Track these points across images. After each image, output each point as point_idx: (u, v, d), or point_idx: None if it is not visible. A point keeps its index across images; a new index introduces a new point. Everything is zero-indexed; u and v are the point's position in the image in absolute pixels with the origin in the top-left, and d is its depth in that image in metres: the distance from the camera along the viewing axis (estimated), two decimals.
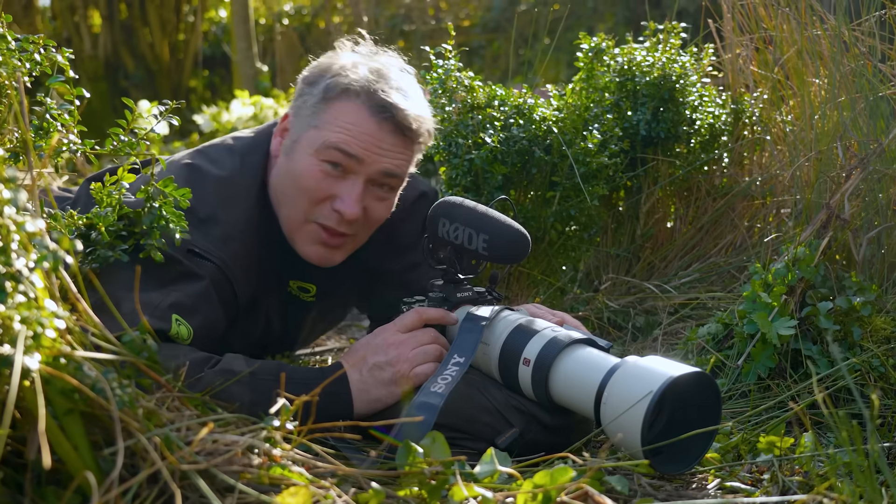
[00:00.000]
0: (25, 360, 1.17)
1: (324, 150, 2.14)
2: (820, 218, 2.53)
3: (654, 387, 1.70)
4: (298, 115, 2.22)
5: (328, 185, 2.16)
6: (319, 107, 2.17)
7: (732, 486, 1.79)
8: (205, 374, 1.88)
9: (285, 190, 2.21)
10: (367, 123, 2.14)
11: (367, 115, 2.14)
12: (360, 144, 2.13)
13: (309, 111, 2.19)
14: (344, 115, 2.15)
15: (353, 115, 2.14)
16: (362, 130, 2.13)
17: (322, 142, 2.14)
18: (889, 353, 2.35)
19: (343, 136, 2.13)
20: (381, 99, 2.13)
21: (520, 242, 2.03)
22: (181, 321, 1.97)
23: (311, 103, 2.19)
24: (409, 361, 2.00)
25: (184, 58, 9.21)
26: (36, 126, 1.86)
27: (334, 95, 2.16)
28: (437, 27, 9.25)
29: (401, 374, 1.99)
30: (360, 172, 2.16)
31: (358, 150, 2.13)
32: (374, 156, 2.15)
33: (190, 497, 1.36)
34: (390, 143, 2.16)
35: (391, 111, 2.13)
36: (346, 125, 2.14)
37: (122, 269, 1.97)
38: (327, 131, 2.14)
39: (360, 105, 2.14)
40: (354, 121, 2.14)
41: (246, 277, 2.16)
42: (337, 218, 2.17)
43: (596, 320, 3.13)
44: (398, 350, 2.01)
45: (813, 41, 3.19)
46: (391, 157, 2.17)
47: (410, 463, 1.59)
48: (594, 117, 3.07)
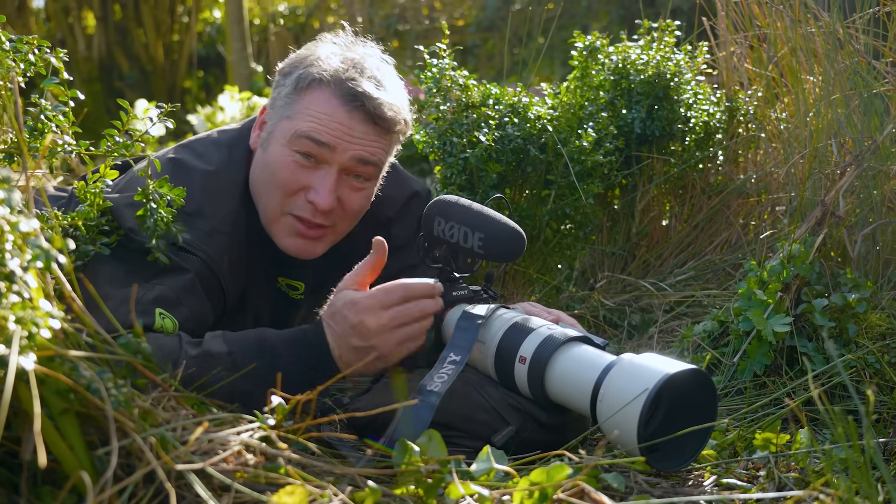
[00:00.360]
0: (21, 361, 1.17)
1: (295, 140, 2.13)
2: (815, 215, 2.53)
3: (650, 384, 1.70)
4: (274, 107, 2.22)
5: (301, 176, 2.15)
6: (292, 97, 2.17)
7: (729, 482, 1.79)
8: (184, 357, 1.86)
9: (262, 183, 2.20)
10: (338, 112, 2.13)
11: (338, 103, 2.13)
12: (330, 132, 2.12)
13: (282, 102, 2.19)
14: (314, 104, 2.14)
15: (323, 103, 2.14)
16: (332, 119, 2.13)
17: (293, 132, 2.13)
18: (884, 349, 2.35)
19: (313, 125, 2.12)
20: (352, 88, 2.12)
21: (515, 241, 2.03)
22: (165, 314, 1.96)
23: (284, 94, 2.19)
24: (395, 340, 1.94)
25: (178, 58, 9.20)
26: (30, 127, 1.86)
27: (305, 85, 2.15)
28: (432, 27, 9.26)
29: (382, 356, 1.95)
30: (332, 162, 2.15)
31: (328, 137, 2.12)
32: (344, 143, 2.13)
33: (186, 497, 1.36)
34: (361, 132, 2.15)
35: (362, 100, 2.12)
36: (316, 114, 2.13)
37: (105, 263, 1.97)
38: (298, 121, 2.14)
39: (330, 94, 2.14)
40: (324, 109, 2.13)
41: (233, 272, 2.15)
42: (311, 209, 2.16)
43: (592, 318, 3.13)
44: (379, 337, 1.94)
45: (807, 39, 3.20)
46: (362, 145, 2.16)
47: (407, 461, 1.59)
48: (589, 116, 3.07)
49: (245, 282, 2.24)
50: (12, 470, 1.32)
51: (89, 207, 1.97)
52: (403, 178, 2.52)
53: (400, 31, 9.40)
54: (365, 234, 2.40)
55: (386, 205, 2.44)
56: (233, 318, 2.24)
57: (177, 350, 1.87)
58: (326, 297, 2.48)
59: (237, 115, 6.15)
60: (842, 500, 1.43)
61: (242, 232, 2.20)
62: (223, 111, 6.32)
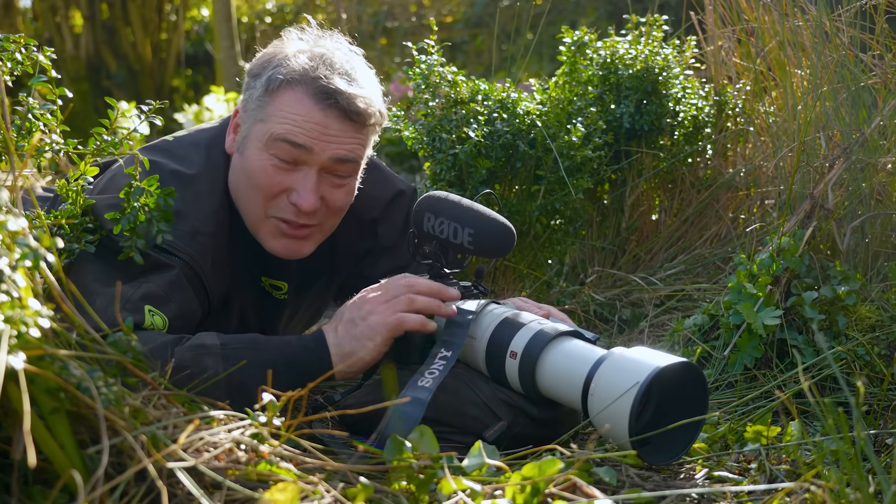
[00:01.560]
0: (10, 360, 1.17)
1: (272, 144, 2.11)
2: (804, 208, 2.54)
3: (640, 377, 1.70)
4: (246, 110, 2.19)
5: (281, 178, 2.13)
6: (263, 100, 2.14)
7: (720, 475, 1.79)
8: (174, 353, 1.87)
9: (242, 188, 2.18)
10: (312, 111, 2.11)
11: (311, 103, 2.11)
12: (307, 134, 2.10)
13: (254, 105, 2.16)
14: (287, 105, 2.12)
15: (296, 104, 2.11)
16: (307, 119, 2.11)
17: (269, 135, 2.11)
18: (874, 341, 2.36)
19: (289, 127, 2.10)
20: (324, 86, 2.10)
21: (505, 236, 2.03)
22: (155, 311, 1.96)
23: (255, 97, 2.16)
24: (380, 315, 1.96)
25: (166, 57, 9.18)
26: (18, 126, 1.85)
27: (276, 87, 2.13)
28: (420, 23, 9.25)
29: (370, 327, 1.95)
30: (311, 162, 2.13)
31: (305, 139, 2.10)
32: (322, 143, 2.12)
33: (177, 494, 1.35)
34: (338, 129, 2.13)
35: (335, 97, 2.10)
36: (290, 115, 2.11)
37: (91, 261, 1.97)
38: (273, 124, 2.12)
39: (302, 94, 2.11)
40: (298, 110, 2.11)
41: (216, 273, 2.15)
42: (294, 210, 2.15)
43: (582, 313, 3.14)
44: (371, 305, 1.98)
45: (795, 32, 3.20)
46: (340, 143, 2.14)
47: (399, 457, 1.59)
48: (578, 111, 3.07)
49: (228, 283, 2.23)
50: (3, 469, 1.32)
51: (72, 206, 1.96)
52: (387, 178, 2.51)
53: (388, 28, 9.39)
54: (348, 235, 2.39)
55: (370, 205, 2.43)
56: (217, 319, 2.24)
57: (166, 348, 1.87)
58: (310, 296, 2.47)
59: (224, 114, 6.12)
60: (833, 492, 1.44)
61: (224, 233, 2.18)
62: (210, 111, 6.31)
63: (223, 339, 1.94)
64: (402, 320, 1.95)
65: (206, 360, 1.88)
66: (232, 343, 1.94)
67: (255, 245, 2.25)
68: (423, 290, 1.99)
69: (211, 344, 1.92)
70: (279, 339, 2.02)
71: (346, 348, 1.96)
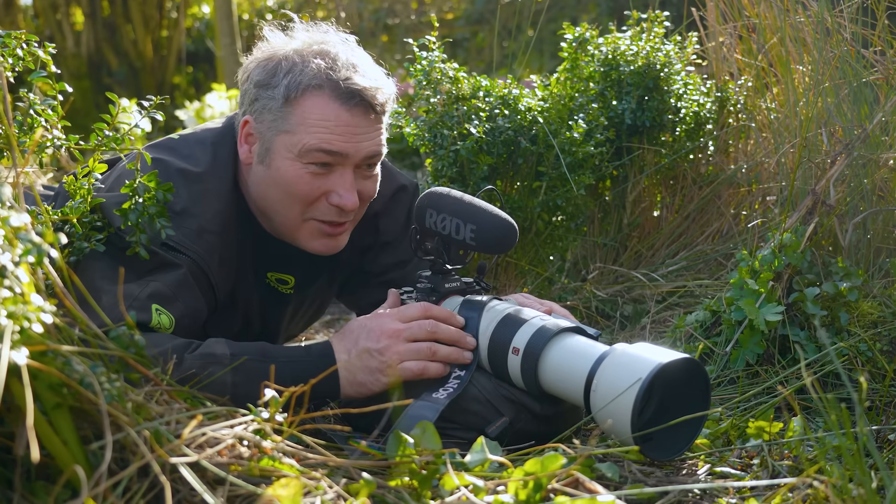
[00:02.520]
0: (13, 355, 1.17)
1: (306, 154, 2.10)
2: (806, 204, 2.54)
3: (643, 374, 1.70)
4: (261, 121, 2.16)
5: (319, 183, 2.13)
6: (285, 110, 2.12)
7: (722, 471, 1.79)
8: (185, 359, 1.88)
9: (274, 198, 2.18)
10: (340, 114, 2.10)
11: (338, 105, 2.10)
12: (341, 139, 2.10)
13: (273, 116, 2.14)
14: (314, 112, 2.10)
15: (323, 110, 2.10)
16: (338, 123, 2.10)
17: (301, 146, 2.10)
18: (876, 337, 2.36)
19: (322, 136, 2.10)
20: (346, 87, 2.10)
21: (507, 232, 2.02)
22: (162, 311, 1.96)
23: (273, 108, 2.13)
24: (398, 354, 1.98)
25: (167, 54, 9.18)
26: (19, 122, 1.85)
27: (297, 95, 2.11)
28: (421, 20, 9.24)
29: (388, 365, 1.97)
30: (346, 164, 2.14)
31: (340, 145, 2.10)
32: (355, 145, 2.12)
33: (180, 490, 1.35)
34: (365, 126, 2.13)
35: (359, 95, 2.10)
36: (320, 123, 2.10)
37: (99, 259, 1.97)
38: (303, 134, 2.10)
39: (326, 98, 2.10)
40: (326, 115, 2.10)
41: (223, 270, 2.15)
42: (336, 211, 2.16)
43: (584, 309, 3.14)
44: (390, 340, 1.99)
45: (796, 28, 3.20)
46: (370, 139, 2.15)
47: (401, 453, 1.59)
48: (579, 107, 3.07)
49: (234, 279, 2.24)
50: (6, 465, 1.32)
51: (82, 203, 1.96)
52: (389, 172, 2.51)
53: (389, 24, 9.38)
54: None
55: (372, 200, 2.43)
56: (222, 316, 2.24)
57: (176, 353, 1.88)
58: (313, 291, 2.47)
59: (226, 112, 6.13)
60: (835, 488, 1.44)
61: (231, 230, 2.19)
62: (211, 108, 6.31)
63: (233, 349, 1.95)
64: (425, 369, 1.98)
65: (214, 369, 1.89)
66: (241, 353, 1.94)
67: (261, 242, 2.25)
68: (445, 338, 2.01)
69: (221, 353, 1.93)
70: (288, 352, 2.03)
71: (359, 378, 1.99)
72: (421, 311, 2.02)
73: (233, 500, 1.38)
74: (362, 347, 1.99)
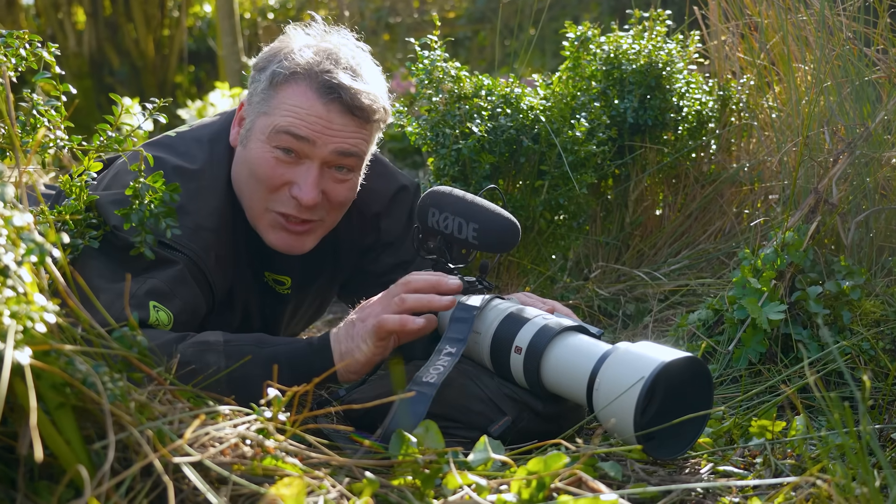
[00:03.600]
0: (16, 355, 1.17)
1: (274, 136, 2.12)
2: (808, 203, 2.54)
3: (645, 372, 1.70)
4: (251, 103, 2.20)
5: (283, 171, 2.14)
6: (268, 93, 2.15)
7: (725, 470, 1.79)
8: (179, 349, 1.88)
9: (244, 180, 2.19)
10: (315, 105, 2.12)
11: (315, 96, 2.12)
12: (309, 126, 2.11)
13: (258, 98, 2.17)
14: (291, 98, 2.13)
15: (299, 97, 2.12)
16: (310, 112, 2.11)
17: (272, 127, 2.12)
18: (879, 336, 2.36)
19: (291, 119, 2.11)
20: (327, 80, 2.11)
21: (510, 231, 2.02)
22: (159, 307, 1.96)
23: (259, 90, 2.17)
24: (374, 315, 1.96)
25: (169, 53, 9.17)
26: (22, 122, 1.85)
27: (281, 80, 2.14)
28: (423, 19, 9.24)
29: (366, 327, 1.95)
30: (313, 156, 2.14)
31: (307, 131, 2.11)
32: (324, 137, 2.12)
33: (183, 489, 1.35)
34: (340, 124, 2.14)
35: (338, 91, 2.11)
36: (293, 108, 2.12)
37: (95, 257, 1.97)
38: (276, 116, 2.13)
39: (306, 88, 2.12)
40: (301, 103, 2.12)
41: (220, 268, 2.15)
42: (295, 205, 2.15)
43: (586, 308, 3.14)
44: (371, 307, 2.00)
45: (798, 27, 3.20)
46: (343, 138, 2.15)
47: (404, 452, 1.59)
48: (581, 106, 3.07)
49: (232, 278, 2.24)
50: (9, 465, 1.32)
51: (76, 201, 1.96)
52: (390, 173, 2.51)
53: (390, 23, 9.38)
54: (351, 230, 2.40)
55: (373, 199, 2.43)
56: (221, 315, 2.24)
57: (170, 345, 1.88)
58: (313, 292, 2.48)
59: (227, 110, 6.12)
60: (838, 487, 1.44)
61: (228, 228, 2.19)
62: (214, 106, 6.31)
63: (227, 337, 1.95)
64: (403, 323, 1.94)
65: (208, 356, 1.89)
66: (235, 340, 1.95)
67: (257, 240, 2.25)
68: (419, 285, 1.98)
69: (214, 341, 1.93)
70: (284, 339, 2.03)
71: (343, 347, 1.98)
72: (402, 281, 2.01)
73: (236, 499, 1.38)
74: (348, 319, 2.00)
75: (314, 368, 1.90)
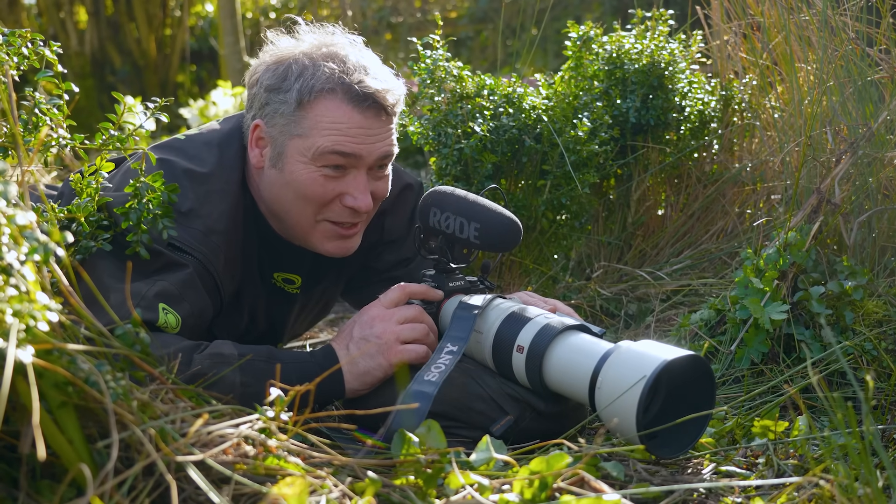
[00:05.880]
0: (18, 354, 1.16)
1: (320, 157, 2.11)
2: (811, 203, 2.53)
3: (648, 371, 1.70)
4: (273, 125, 2.17)
5: (333, 186, 2.14)
6: (298, 115, 2.13)
7: (728, 470, 1.79)
8: (193, 360, 1.89)
9: (287, 200, 2.18)
10: (353, 117, 2.11)
11: (350, 108, 2.11)
12: (354, 141, 2.11)
13: (285, 120, 2.14)
14: (327, 115, 2.11)
15: (336, 113, 2.11)
16: (351, 126, 2.11)
17: (315, 149, 2.11)
18: (881, 336, 2.36)
19: (335, 138, 2.10)
20: (358, 90, 2.11)
21: (511, 230, 2.02)
22: (168, 310, 1.97)
23: (285, 112, 2.14)
24: (393, 333, 2.02)
25: (171, 53, 9.18)
26: (24, 121, 1.85)
27: (310, 100, 2.12)
28: (425, 19, 9.24)
29: (386, 345, 2.02)
30: (360, 166, 2.14)
31: (353, 147, 2.11)
32: (368, 146, 2.13)
33: (186, 489, 1.35)
34: (378, 127, 2.14)
35: (371, 97, 2.11)
36: (333, 125, 2.11)
37: (106, 258, 1.97)
38: (316, 137, 2.11)
39: (339, 101, 2.11)
40: (339, 118, 2.11)
41: (229, 271, 2.15)
42: (350, 212, 2.17)
43: (588, 308, 3.13)
44: (383, 324, 2.04)
45: (800, 26, 3.19)
46: (382, 140, 2.16)
47: (406, 452, 1.58)
48: (583, 105, 3.07)
49: (240, 280, 2.24)
50: (11, 464, 1.32)
51: (89, 201, 1.96)
52: (395, 171, 2.51)
53: (393, 23, 9.38)
54: None
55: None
56: (228, 316, 2.24)
57: (185, 354, 1.89)
58: (319, 291, 2.48)
59: (230, 110, 6.13)
60: (841, 487, 1.44)
61: (238, 231, 2.19)
62: (216, 105, 6.31)
63: (241, 350, 1.96)
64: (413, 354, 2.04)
65: (222, 369, 1.90)
66: (248, 352, 1.97)
67: (269, 243, 2.26)
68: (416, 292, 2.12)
69: (229, 354, 1.94)
70: (294, 354, 2.06)
71: (361, 367, 2.03)
72: (399, 292, 2.09)
73: (238, 498, 1.38)
74: (358, 337, 2.04)
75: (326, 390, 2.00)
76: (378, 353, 2.01)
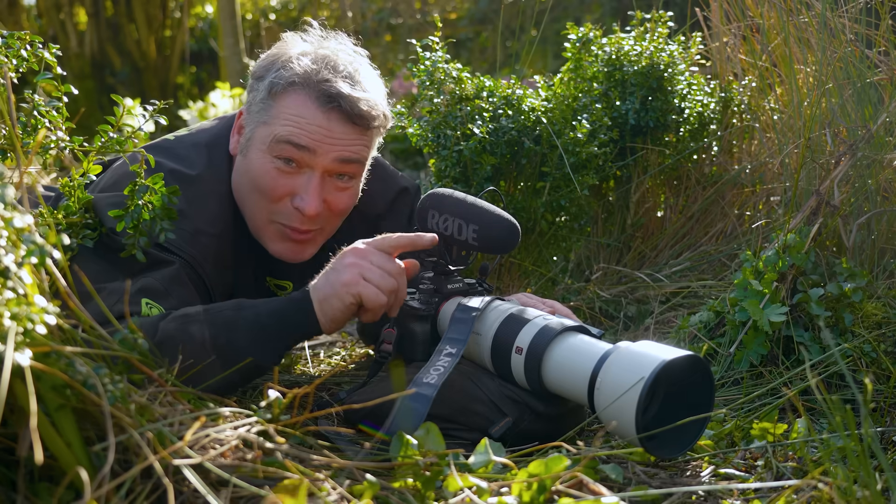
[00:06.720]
0: (16, 357, 1.16)
1: (275, 146, 2.11)
2: (810, 205, 2.53)
3: (646, 371, 1.69)
4: (250, 112, 2.19)
5: (284, 182, 2.13)
6: (267, 102, 2.14)
7: (726, 472, 1.79)
8: (159, 328, 1.83)
9: (245, 190, 2.18)
10: (315, 114, 2.11)
11: (314, 105, 2.11)
12: (310, 135, 2.10)
13: (257, 108, 2.16)
14: (290, 107, 2.12)
15: (299, 107, 2.11)
16: (310, 122, 2.11)
17: (272, 137, 2.11)
18: (880, 338, 2.35)
19: (291, 129, 2.10)
20: (327, 89, 2.10)
21: (510, 232, 2.02)
22: (152, 304, 1.95)
23: (258, 99, 2.16)
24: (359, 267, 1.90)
25: (170, 54, 9.19)
26: (23, 123, 1.85)
27: (280, 90, 2.13)
28: (424, 20, 9.25)
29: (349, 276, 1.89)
30: (314, 166, 2.13)
31: (308, 140, 2.10)
32: (325, 146, 2.12)
33: (184, 492, 1.35)
34: (341, 132, 2.13)
35: (338, 100, 2.10)
36: (293, 117, 2.11)
37: (90, 259, 1.96)
38: (275, 126, 2.12)
39: (305, 96, 2.11)
40: (301, 112, 2.11)
41: (219, 274, 2.14)
42: (298, 216, 2.15)
43: (587, 310, 3.13)
44: (355, 258, 1.91)
45: (800, 28, 3.19)
46: (343, 146, 2.14)
47: (405, 454, 1.58)
48: (583, 107, 3.07)
49: (232, 284, 2.23)
50: (9, 467, 1.32)
51: (74, 202, 1.96)
52: (391, 175, 2.51)
53: (392, 24, 9.38)
54: (352, 232, 2.39)
55: (374, 202, 2.43)
56: None
57: (152, 325, 1.85)
58: None
59: (229, 111, 6.13)
60: (840, 489, 1.44)
61: (228, 234, 2.18)
62: (215, 107, 6.32)
63: (206, 307, 1.92)
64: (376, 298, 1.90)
65: (191, 327, 1.85)
66: (215, 308, 1.92)
67: (259, 246, 2.25)
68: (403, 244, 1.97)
69: (194, 312, 1.89)
70: (263, 300, 1.98)
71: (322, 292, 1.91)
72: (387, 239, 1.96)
73: (236, 501, 1.38)
74: (329, 267, 1.94)
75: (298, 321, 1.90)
76: (338, 281, 1.90)
